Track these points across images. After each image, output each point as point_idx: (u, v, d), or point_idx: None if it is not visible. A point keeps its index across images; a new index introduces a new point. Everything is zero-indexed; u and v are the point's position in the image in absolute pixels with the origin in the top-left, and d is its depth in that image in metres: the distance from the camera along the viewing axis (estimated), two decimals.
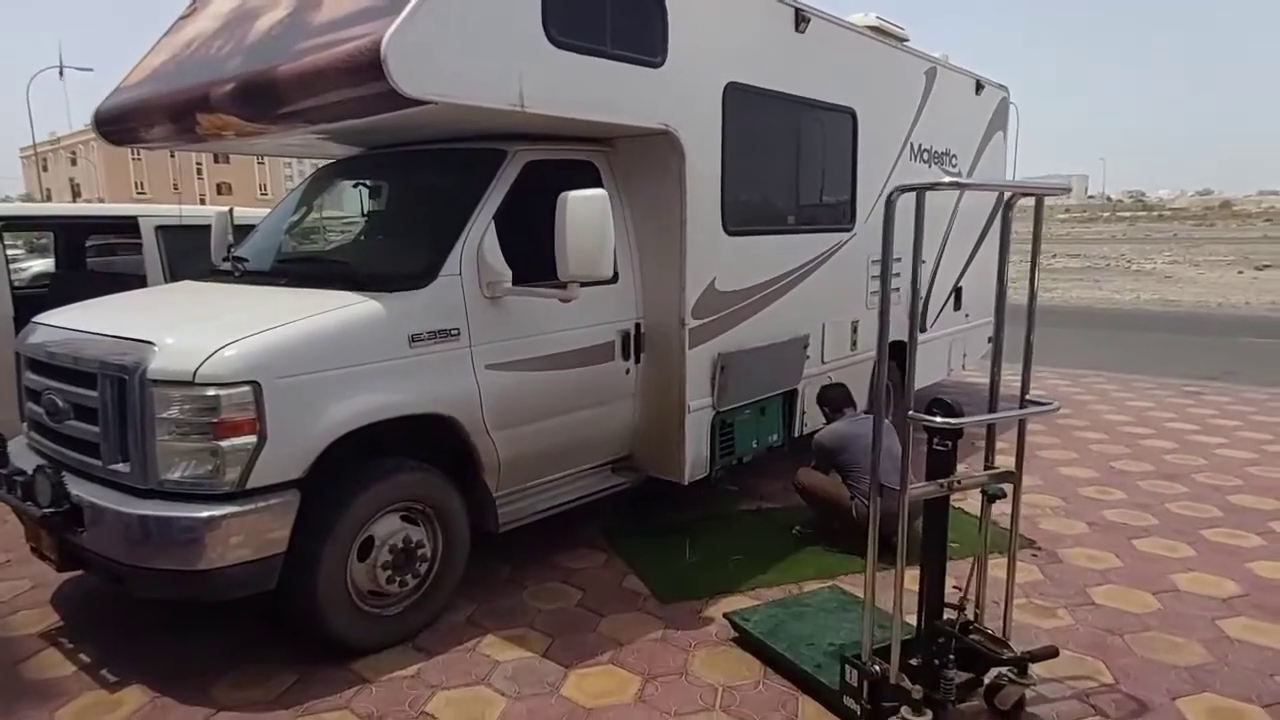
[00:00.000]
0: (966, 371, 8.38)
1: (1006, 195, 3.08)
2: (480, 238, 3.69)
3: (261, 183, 76.18)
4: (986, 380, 3.29)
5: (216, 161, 69.93)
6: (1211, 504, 5.31)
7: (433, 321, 3.51)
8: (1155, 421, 7.57)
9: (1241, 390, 8.97)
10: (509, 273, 3.68)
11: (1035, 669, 3.01)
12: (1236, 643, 3.56)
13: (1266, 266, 27.30)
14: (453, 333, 3.57)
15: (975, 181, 2.88)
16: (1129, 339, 13.14)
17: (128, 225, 6.24)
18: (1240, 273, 26.10)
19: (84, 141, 69.14)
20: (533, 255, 3.72)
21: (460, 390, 3.59)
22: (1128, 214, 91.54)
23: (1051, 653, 3.01)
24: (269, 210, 5.64)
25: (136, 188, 64.93)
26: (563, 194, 3.46)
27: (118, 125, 4.35)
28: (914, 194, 2.73)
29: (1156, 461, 6.28)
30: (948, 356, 7.45)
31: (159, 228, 6.11)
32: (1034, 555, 4.45)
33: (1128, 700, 3.13)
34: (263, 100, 3.55)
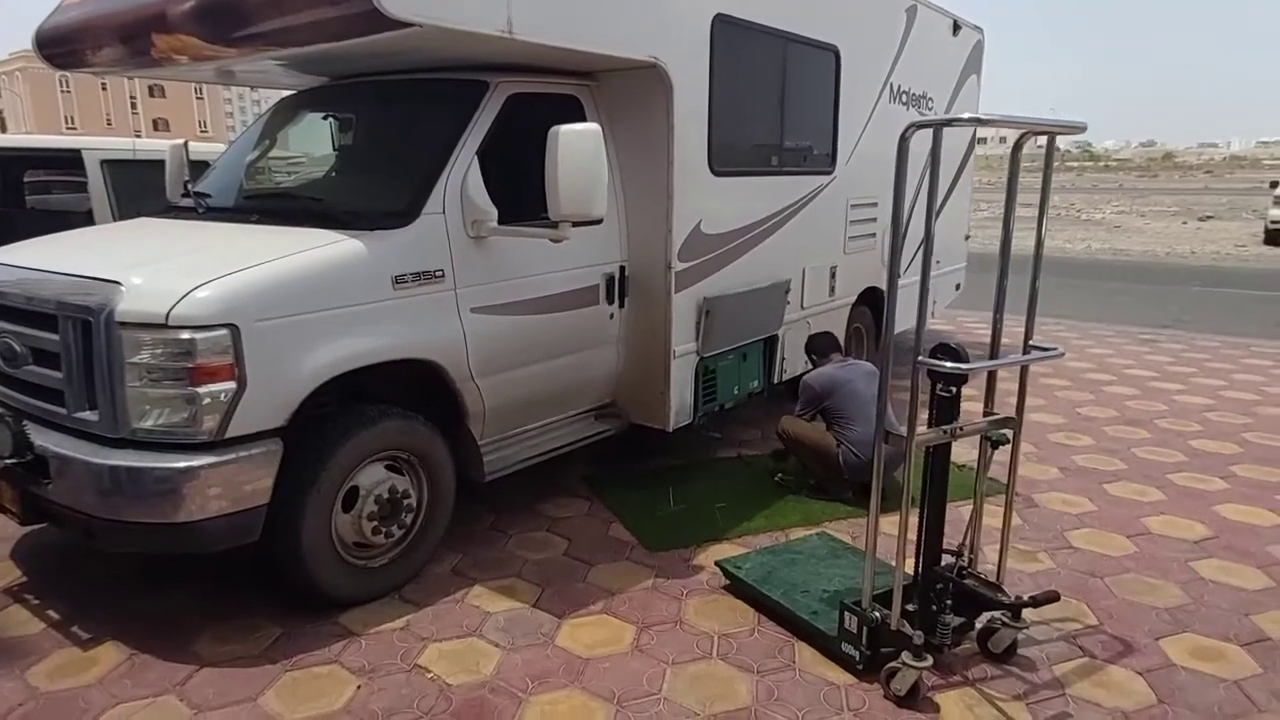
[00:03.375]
0: (933, 320, 8.43)
1: (1018, 134, 3.00)
2: (464, 174, 3.51)
3: (201, 119, 73.05)
4: (950, 329, 3.26)
5: (152, 95, 66.78)
6: (1175, 449, 5.44)
7: (416, 262, 3.34)
8: (1115, 368, 7.72)
9: (1194, 338, 9.20)
10: (494, 211, 3.52)
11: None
12: (1211, 584, 3.65)
13: (1209, 217, 28.01)
14: (437, 274, 3.41)
15: (994, 117, 2.79)
16: (1083, 287, 13.35)
17: (69, 160, 5.86)
18: (1184, 223, 26.74)
19: (7, 71, 65.41)
20: (516, 193, 3.57)
21: (445, 334, 3.45)
22: (1075, 164, 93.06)
23: (1053, 597, 3.03)
24: (222, 146, 5.34)
25: (66, 121, 61.79)
26: (554, 128, 3.29)
27: (61, 47, 4.01)
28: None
29: (1120, 407, 6.41)
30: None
31: (105, 162, 5.75)
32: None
33: (1113, 641, 3.19)
34: (227, 19, 3.29)
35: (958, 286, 8.38)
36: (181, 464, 2.78)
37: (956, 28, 7.40)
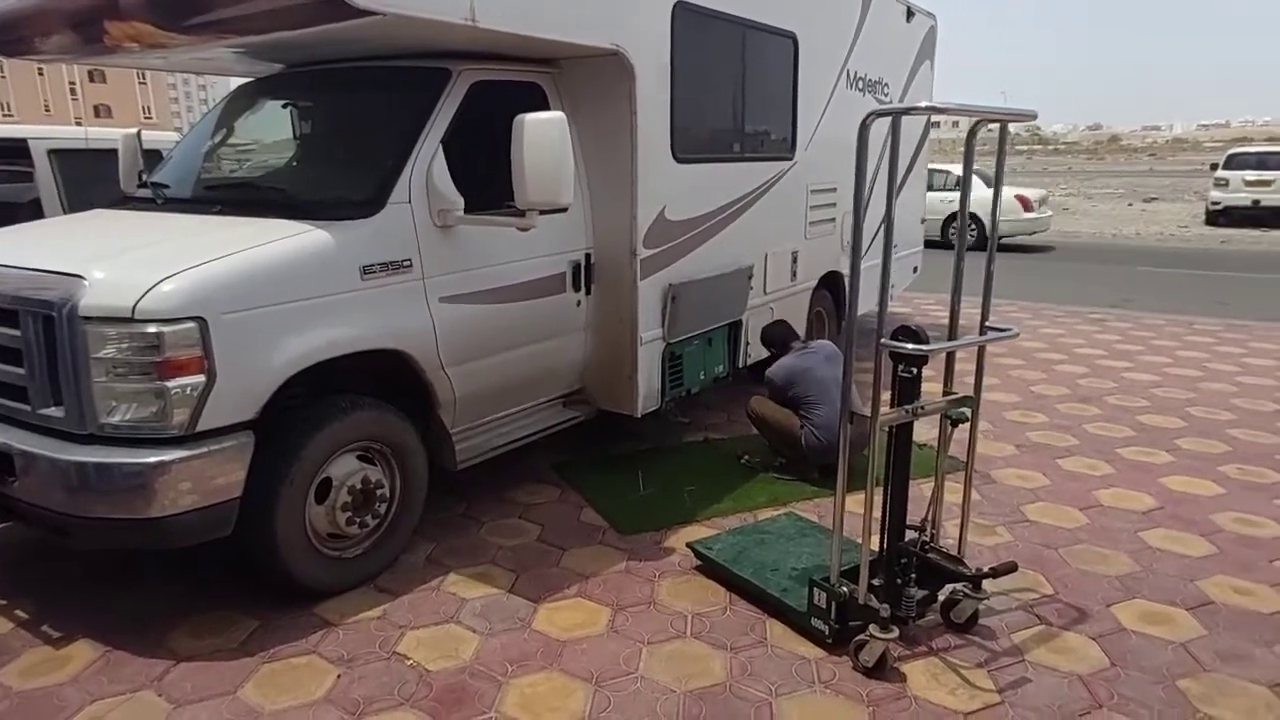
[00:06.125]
0: (891, 303, 8.58)
1: (971, 121, 3.09)
2: (429, 162, 3.50)
3: (145, 104, 70.91)
4: (908, 310, 3.35)
5: (92, 80, 64.60)
6: (1124, 424, 5.64)
7: (384, 252, 3.33)
8: (1066, 347, 7.95)
9: (1140, 317, 9.48)
10: (461, 200, 3.52)
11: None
12: (1158, 552, 3.81)
13: (1153, 199, 28.71)
14: (405, 264, 3.41)
15: (949, 106, 2.88)
16: (1034, 269, 13.67)
17: (15, 149, 5.69)
18: (1130, 205, 27.37)
19: None
20: (481, 182, 3.57)
21: (415, 324, 3.45)
22: (1025, 148, 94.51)
23: (1011, 568, 3.15)
24: (172, 134, 5.24)
25: (2, 108, 59.56)
26: (520, 116, 3.30)
27: (8, 34, 3.89)
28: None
29: (1071, 385, 6.61)
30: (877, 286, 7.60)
31: (53, 151, 5.60)
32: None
33: (1068, 609, 3.32)
34: (182, 6, 3.24)
35: (915, 269, 8.55)
36: (152, 459, 2.76)
37: (910, 14, 7.52)
